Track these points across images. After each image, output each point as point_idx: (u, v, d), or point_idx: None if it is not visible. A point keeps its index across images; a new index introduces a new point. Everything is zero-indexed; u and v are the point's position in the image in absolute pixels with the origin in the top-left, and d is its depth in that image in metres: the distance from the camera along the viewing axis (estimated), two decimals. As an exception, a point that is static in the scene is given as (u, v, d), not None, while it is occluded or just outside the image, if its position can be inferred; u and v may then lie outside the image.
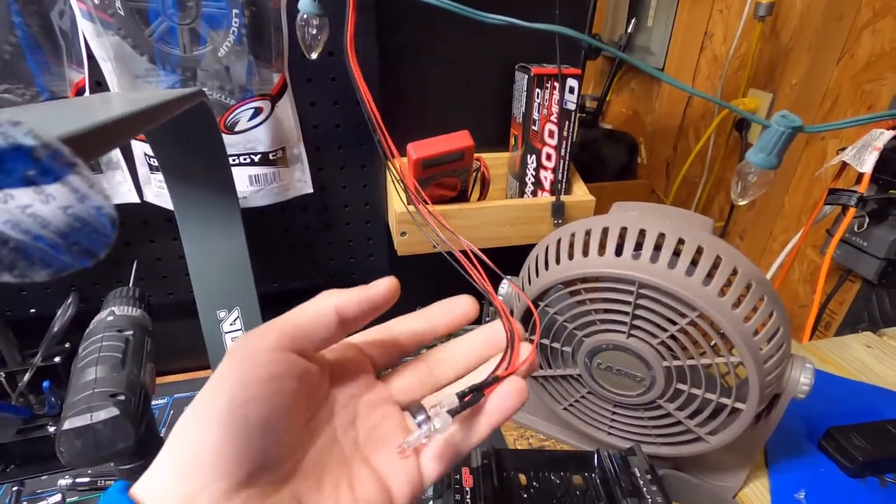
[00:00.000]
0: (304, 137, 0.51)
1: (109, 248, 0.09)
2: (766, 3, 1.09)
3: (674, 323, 0.37)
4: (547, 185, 0.55)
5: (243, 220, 0.44)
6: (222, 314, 0.45)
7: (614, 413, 0.45)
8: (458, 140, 0.48)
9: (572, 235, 0.41)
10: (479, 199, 0.55)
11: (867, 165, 0.66)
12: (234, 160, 0.47)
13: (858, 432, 0.49)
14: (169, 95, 0.26)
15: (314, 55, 0.42)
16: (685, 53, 1.32)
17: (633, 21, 1.30)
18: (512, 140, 0.57)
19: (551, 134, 0.52)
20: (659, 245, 0.37)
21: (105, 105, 0.24)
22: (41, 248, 0.08)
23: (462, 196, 0.53)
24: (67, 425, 0.31)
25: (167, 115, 0.23)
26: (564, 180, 0.55)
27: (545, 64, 0.51)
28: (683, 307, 0.36)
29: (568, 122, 0.51)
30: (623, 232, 0.39)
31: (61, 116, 0.12)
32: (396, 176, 0.31)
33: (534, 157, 0.54)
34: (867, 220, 0.79)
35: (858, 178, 0.69)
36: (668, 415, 0.42)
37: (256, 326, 0.45)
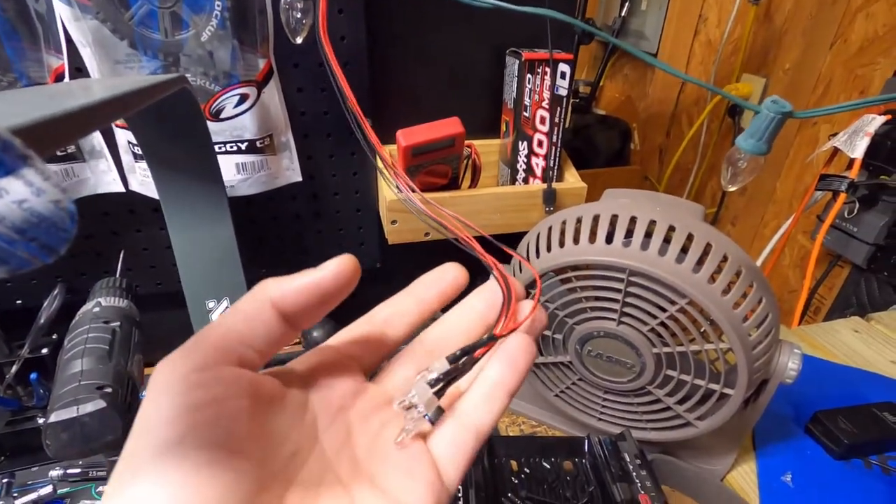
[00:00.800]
0: (292, 124, 0.50)
1: (69, 242, 0.09)
2: (760, -14, 1.08)
3: (664, 310, 0.37)
4: (538, 172, 0.54)
5: (231, 210, 0.43)
6: (211, 304, 0.44)
7: (605, 399, 0.45)
8: (448, 127, 0.47)
9: (563, 223, 0.41)
10: (470, 187, 0.55)
11: (858, 151, 0.66)
12: (220, 148, 0.46)
13: (845, 416, 0.50)
14: (148, 81, 0.25)
15: (299, 39, 0.41)
16: (679, 37, 1.31)
17: (626, 5, 1.28)
18: (503, 127, 0.57)
19: (543, 120, 0.51)
20: (649, 232, 0.37)
21: (82, 91, 0.23)
22: (-3, 244, 0.08)
23: (453, 184, 0.52)
24: (54, 418, 0.30)
25: (145, 102, 0.23)
26: (556, 167, 0.54)
27: (537, 49, 0.50)
28: (673, 294, 0.36)
29: (560, 108, 0.51)
30: (614, 219, 0.39)
31: (22, 105, 0.12)
32: (385, 167, 0.30)
33: (525, 143, 0.53)
34: (857, 205, 0.79)
35: (850, 163, 0.70)
36: (657, 401, 0.42)
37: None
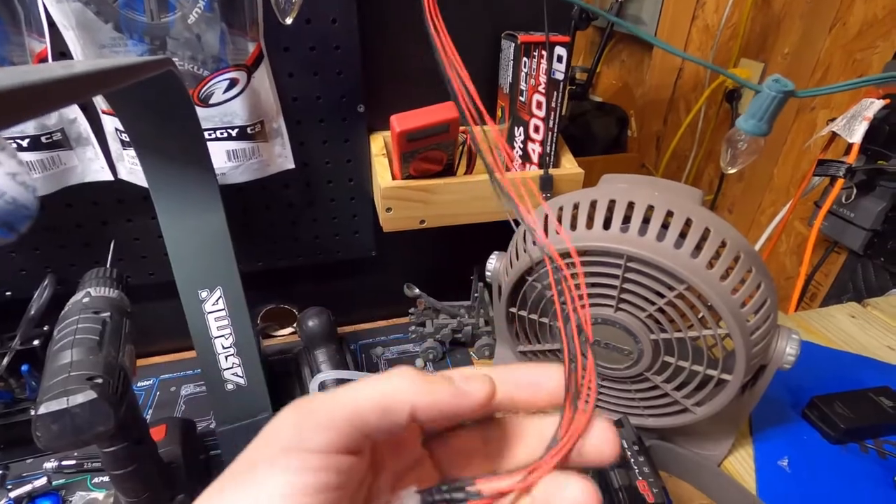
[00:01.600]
0: (284, 110, 0.49)
1: (32, 221, 0.08)
2: (759, -31, 1.06)
3: (662, 296, 0.37)
4: (535, 157, 0.54)
5: (223, 198, 0.42)
6: (204, 294, 0.44)
7: (602, 386, 0.45)
8: (442, 112, 0.46)
9: (560, 209, 0.40)
10: (465, 173, 0.54)
11: (857, 135, 0.66)
12: (210, 134, 0.45)
13: (841, 401, 0.50)
14: (131, 61, 0.25)
15: (289, 20, 0.40)
16: (677, 23, 1.29)
17: (624, -11, 1.26)
18: (499, 112, 0.56)
19: (539, 105, 0.51)
20: (647, 217, 0.37)
21: (62, 67, 0.22)
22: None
23: (448, 170, 0.51)
24: (43, 409, 0.30)
25: (126, 80, 0.22)
26: (553, 153, 0.54)
27: (533, 32, 0.49)
28: (671, 280, 0.36)
29: (556, 93, 0.50)
30: (611, 205, 0.38)
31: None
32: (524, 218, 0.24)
33: (521, 129, 0.53)
34: (855, 191, 0.79)
35: (848, 148, 0.69)
36: (655, 387, 0.42)
37: (240, 307, 0.44)
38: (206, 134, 0.45)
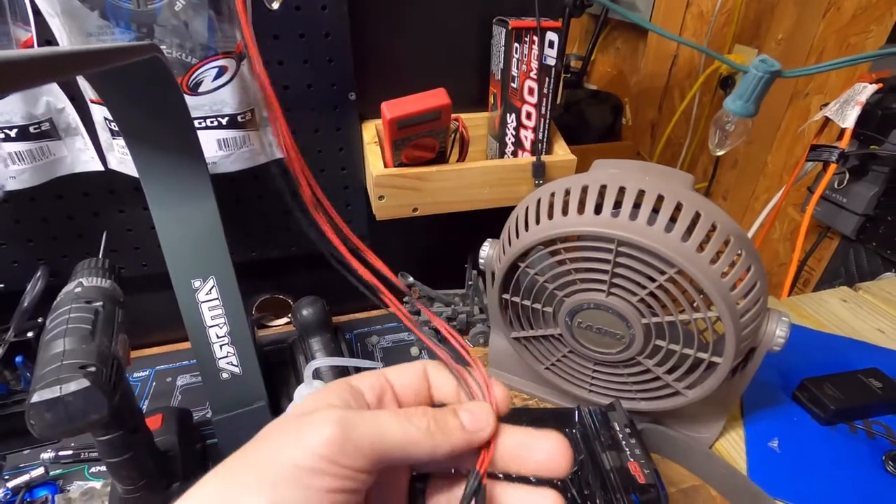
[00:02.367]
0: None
1: None
2: (753, -47, 1.05)
3: (653, 280, 0.37)
4: (528, 144, 0.54)
5: (214, 187, 0.42)
6: (197, 283, 0.44)
7: (595, 371, 0.46)
8: (434, 98, 0.46)
9: (552, 195, 0.41)
10: (458, 161, 0.54)
11: (849, 120, 0.66)
12: (200, 123, 0.45)
13: (831, 382, 0.50)
14: (116, 46, 0.24)
15: (275, 5, 0.40)
16: (671, 9, 1.29)
17: (618, -25, 1.25)
18: (491, 99, 0.55)
19: (531, 91, 0.50)
20: (638, 202, 0.37)
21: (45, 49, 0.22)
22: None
23: (440, 157, 0.51)
24: (36, 398, 0.30)
25: (109, 62, 0.21)
26: (545, 140, 0.53)
27: (524, 17, 0.49)
28: (662, 264, 0.36)
29: (548, 79, 0.50)
30: (603, 190, 0.38)
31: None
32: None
33: (513, 115, 0.52)
34: (847, 176, 0.79)
35: (840, 133, 0.69)
36: (646, 371, 0.43)
37: (233, 296, 0.44)
38: (196, 123, 0.44)
